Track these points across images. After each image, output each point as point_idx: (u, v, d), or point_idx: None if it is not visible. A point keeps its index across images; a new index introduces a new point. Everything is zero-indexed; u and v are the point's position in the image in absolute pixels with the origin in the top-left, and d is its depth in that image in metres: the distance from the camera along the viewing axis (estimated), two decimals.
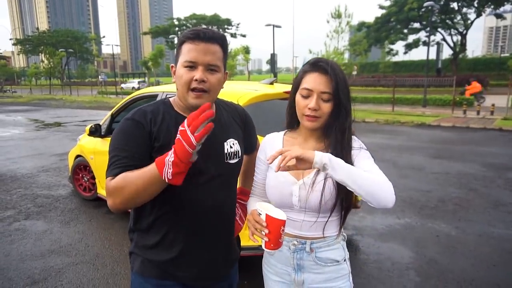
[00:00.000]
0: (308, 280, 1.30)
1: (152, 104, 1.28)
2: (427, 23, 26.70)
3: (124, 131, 1.19)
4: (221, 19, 53.97)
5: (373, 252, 3.37)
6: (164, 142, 1.17)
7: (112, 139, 1.20)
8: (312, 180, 1.23)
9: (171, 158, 1.01)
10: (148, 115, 1.21)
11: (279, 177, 1.28)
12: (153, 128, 1.19)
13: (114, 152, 1.16)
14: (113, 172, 1.12)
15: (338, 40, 19.87)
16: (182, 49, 1.20)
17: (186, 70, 1.18)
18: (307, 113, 1.23)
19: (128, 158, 1.14)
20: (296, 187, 1.25)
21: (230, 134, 1.34)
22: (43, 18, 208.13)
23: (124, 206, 1.14)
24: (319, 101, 1.22)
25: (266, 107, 3.16)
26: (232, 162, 1.33)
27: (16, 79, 73.36)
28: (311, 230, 1.27)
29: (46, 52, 43.95)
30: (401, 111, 15.02)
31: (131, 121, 1.20)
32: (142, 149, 1.17)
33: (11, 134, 10.93)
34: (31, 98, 31.62)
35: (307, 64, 1.29)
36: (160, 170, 1.02)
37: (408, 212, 4.32)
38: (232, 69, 27.50)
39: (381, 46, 37.64)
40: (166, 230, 1.25)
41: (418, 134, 10.09)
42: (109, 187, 1.11)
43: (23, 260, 3.25)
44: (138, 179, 1.07)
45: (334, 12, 19.96)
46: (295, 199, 1.25)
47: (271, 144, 1.38)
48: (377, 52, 48.29)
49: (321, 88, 1.21)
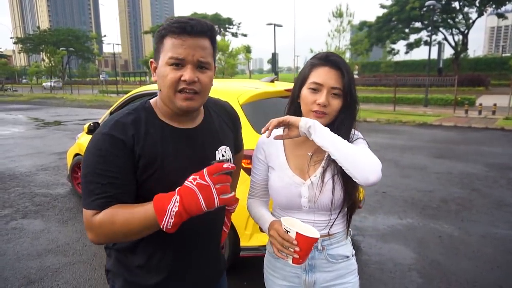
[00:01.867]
0: (320, 280, 1.27)
1: (132, 111, 1.06)
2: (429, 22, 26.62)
3: (101, 150, 0.97)
4: (222, 19, 53.89)
5: (375, 252, 3.32)
6: (150, 160, 1.01)
7: (87, 160, 0.98)
8: (320, 179, 1.19)
9: (175, 207, 0.87)
10: (129, 129, 1.00)
11: (284, 179, 1.23)
12: (136, 146, 0.99)
13: (92, 177, 0.96)
14: (95, 204, 0.95)
15: (339, 39, 19.86)
16: (165, 44, 1.00)
17: (171, 68, 0.99)
18: (315, 109, 1.17)
19: (110, 186, 0.95)
20: (305, 188, 1.20)
21: (221, 141, 1.20)
22: (44, 17, 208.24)
23: (109, 242, 1.05)
24: (329, 97, 1.16)
25: (266, 105, 3.11)
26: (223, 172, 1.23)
27: (17, 78, 73.46)
28: (320, 230, 1.21)
29: (47, 51, 43.96)
30: (402, 111, 14.96)
31: (109, 138, 0.97)
32: (125, 172, 0.98)
33: (11, 133, 10.90)
34: (32, 96, 31.61)
35: (315, 57, 1.22)
36: (160, 219, 0.88)
37: (410, 213, 4.26)
38: (233, 68, 27.43)
39: (382, 45, 37.52)
40: (152, 250, 1.09)
41: (419, 134, 10.03)
42: (92, 223, 0.94)
43: (19, 260, 3.20)
44: (131, 222, 0.92)
45: (336, 11, 19.93)
46: (304, 201, 1.21)
47: (270, 142, 1.30)
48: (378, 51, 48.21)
49: (332, 83, 1.16)
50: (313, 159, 1.23)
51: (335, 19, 19.81)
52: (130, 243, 1.08)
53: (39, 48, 58.07)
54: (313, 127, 1.09)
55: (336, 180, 1.18)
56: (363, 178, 1.07)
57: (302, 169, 1.24)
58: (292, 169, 1.24)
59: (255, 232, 2.72)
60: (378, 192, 4.98)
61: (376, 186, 5.23)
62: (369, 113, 14.46)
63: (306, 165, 1.24)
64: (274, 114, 3.42)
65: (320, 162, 1.22)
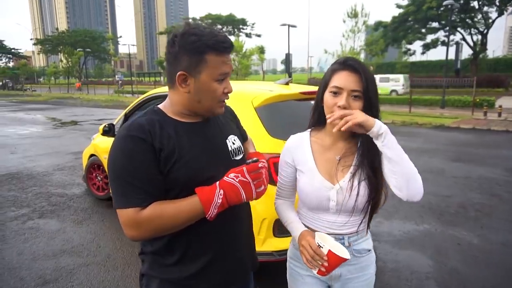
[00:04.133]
0: (345, 273, 1.35)
1: (143, 114, 1.15)
2: (446, 22, 26.09)
3: (125, 151, 1.05)
4: (236, 19, 54.03)
5: (391, 259, 3.24)
6: (169, 152, 1.08)
7: (114, 162, 1.06)
8: (349, 184, 1.26)
9: (219, 199, 1.05)
10: (145, 128, 1.08)
11: (314, 183, 1.30)
12: (154, 141, 1.07)
13: (124, 177, 1.04)
14: (135, 202, 1.02)
15: (354, 40, 19.60)
16: (208, 61, 1.08)
17: (217, 83, 1.12)
18: (337, 111, 1.22)
19: (143, 182, 1.04)
20: (334, 192, 1.27)
21: (229, 131, 1.31)
22: (63, 19, 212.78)
23: (152, 237, 1.09)
24: (349, 99, 1.22)
25: (281, 108, 3.07)
26: (238, 159, 1.28)
27: (36, 78, 75.21)
28: (345, 228, 1.31)
29: (64, 51, 44.81)
30: (418, 112, 14.69)
31: (130, 138, 1.05)
32: (151, 167, 1.06)
33: (30, 132, 11.14)
34: (50, 96, 32.32)
35: (335, 63, 1.30)
36: (207, 210, 1.04)
37: (427, 218, 4.16)
38: (246, 69, 27.44)
39: (398, 46, 37.00)
40: (186, 245, 1.16)
41: (436, 136, 9.82)
42: (139, 218, 1.02)
43: (35, 260, 3.25)
44: (180, 214, 1.05)
45: (351, 11, 19.68)
46: (332, 204, 1.28)
47: (298, 146, 1.38)
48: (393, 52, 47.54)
49: (351, 86, 1.22)
50: (341, 164, 1.30)
51: (350, 19, 19.57)
52: (162, 244, 1.15)
53: (57, 49, 59.38)
54: (384, 135, 1.16)
55: (362, 185, 1.25)
56: (410, 196, 1.19)
57: (330, 173, 1.30)
58: (321, 174, 1.31)
59: (268, 237, 2.69)
60: (394, 196, 4.85)
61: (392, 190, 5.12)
62: (384, 114, 14.25)
63: (334, 169, 1.30)
64: (289, 117, 3.38)
65: (348, 167, 1.29)
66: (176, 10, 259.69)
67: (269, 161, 2.66)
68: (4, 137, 10.12)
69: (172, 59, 1.10)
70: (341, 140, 1.32)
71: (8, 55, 72.51)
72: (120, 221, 1.05)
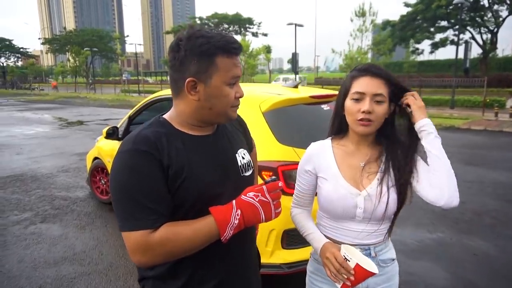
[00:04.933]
0: (371, 284, 1.29)
1: (148, 125, 1.05)
2: (456, 21, 25.70)
3: (132, 167, 0.94)
4: (243, 18, 53.85)
5: (404, 271, 3.09)
6: (178, 168, 0.98)
7: (119, 179, 0.95)
8: (377, 191, 1.21)
9: (236, 220, 0.97)
10: (152, 141, 0.98)
11: (340, 190, 1.24)
12: (162, 156, 0.97)
13: (132, 197, 0.93)
14: (145, 224, 0.92)
15: (361, 39, 19.40)
16: (218, 64, 0.99)
17: (229, 87, 1.04)
18: (360, 117, 1.18)
19: (155, 202, 0.94)
20: (361, 198, 1.22)
21: (239, 144, 1.22)
22: (71, 18, 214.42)
23: (162, 262, 0.99)
24: (372, 104, 1.18)
25: (290, 113, 2.94)
26: (247, 175, 1.18)
27: (44, 77, 75.83)
28: (371, 238, 1.26)
29: (72, 51, 45.06)
30: (427, 113, 14.41)
31: (136, 153, 0.95)
32: (160, 184, 0.96)
33: (35, 132, 11.13)
34: (57, 96, 32.50)
35: (355, 70, 1.26)
36: (222, 232, 0.96)
37: (440, 226, 4.00)
38: (253, 68, 27.31)
39: (406, 45, 36.57)
40: (192, 269, 1.06)
41: (446, 138, 9.60)
42: (150, 242, 0.91)
43: (35, 268, 3.16)
44: (195, 237, 0.96)
45: (358, 10, 19.47)
46: (360, 211, 1.22)
47: (320, 153, 1.33)
48: (401, 51, 47.03)
49: (374, 90, 1.18)
50: (365, 170, 1.25)
51: (358, 18, 19.37)
52: (166, 268, 1.05)
53: (65, 48, 59.67)
54: (428, 132, 1.19)
55: (391, 192, 1.20)
56: (451, 198, 1.14)
57: (355, 179, 1.25)
58: (346, 180, 1.25)
59: (276, 249, 2.56)
60: None
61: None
62: None
63: (359, 175, 1.25)
64: (298, 123, 3.23)
65: (374, 174, 1.24)
66: (183, 9, 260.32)
67: (278, 169, 2.54)
68: (11, 137, 10.12)
69: (178, 65, 1.00)
70: (365, 146, 1.28)
71: (17, 55, 73.28)
72: (126, 246, 0.94)
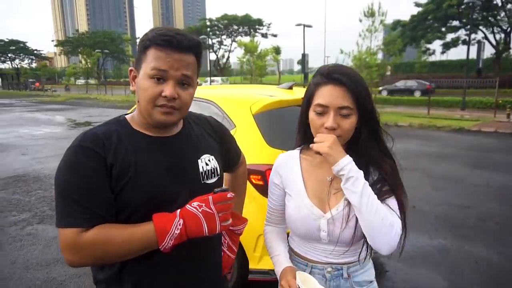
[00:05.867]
0: None
1: (104, 124, 1.04)
2: (468, 20, 25.22)
3: (73, 163, 0.93)
4: (253, 19, 53.87)
5: (401, 278, 2.99)
6: (122, 168, 0.95)
7: (60, 175, 0.93)
8: (344, 213, 1.08)
9: (177, 230, 0.90)
10: (100, 139, 0.96)
11: (302, 209, 1.14)
12: (107, 154, 0.95)
13: (68, 194, 0.90)
14: (79, 222, 0.88)
15: (371, 39, 19.12)
16: (148, 55, 0.97)
17: (152, 82, 0.96)
18: (324, 133, 1.07)
19: (91, 202, 0.90)
20: (324, 221, 1.11)
21: (204, 149, 1.13)
22: (83, 20, 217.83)
23: (92, 264, 0.97)
24: (337, 118, 1.05)
25: (283, 115, 2.87)
26: (210, 183, 1.10)
27: (57, 79, 77.11)
28: (344, 257, 1.15)
29: (84, 52, 45.71)
30: (437, 114, 14.19)
31: (80, 149, 0.94)
32: (100, 183, 0.93)
33: (43, 133, 11.26)
34: (68, 97, 32.97)
35: (318, 74, 1.11)
36: (161, 240, 0.90)
37: (442, 232, 3.87)
38: (261, 69, 27.25)
39: (417, 45, 36.06)
40: (138, 278, 1.01)
41: (455, 140, 9.39)
42: (80, 242, 0.88)
43: (27, 269, 3.15)
44: (131, 242, 0.90)
45: (367, 10, 19.21)
46: (324, 234, 1.12)
47: (287, 166, 1.22)
48: (412, 52, 46.43)
49: (338, 103, 1.04)
50: (333, 186, 1.13)
51: (367, 18, 19.09)
52: (113, 272, 1.00)
53: (77, 50, 60.61)
54: (348, 177, 1.01)
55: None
56: (376, 248, 1.04)
57: (321, 197, 1.14)
58: (310, 197, 1.14)
59: (264, 254, 2.49)
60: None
61: None
62: (401, 116, 13.83)
63: (326, 192, 1.14)
64: (291, 125, 3.15)
65: (342, 191, 1.09)
66: (194, 11, 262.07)
67: (266, 173, 2.47)
68: (18, 138, 10.26)
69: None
70: None
71: (31, 56, 74.71)
72: (59, 243, 0.92)
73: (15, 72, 57.29)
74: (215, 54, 51.53)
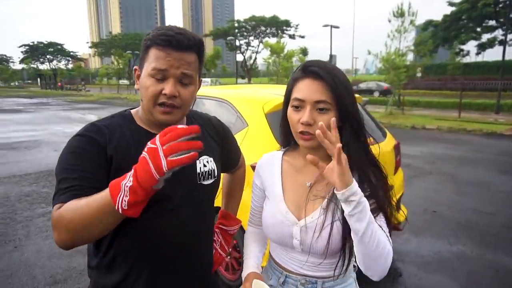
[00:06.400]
0: None
1: (108, 118, 1.09)
2: (505, 20, 24.07)
3: (74, 148, 0.96)
4: (280, 21, 53.84)
5: (415, 284, 2.92)
6: (122, 161, 0.97)
7: (60, 159, 0.97)
8: (316, 222, 1.02)
9: (129, 182, 0.77)
10: (103, 130, 1.00)
11: (276, 215, 1.09)
12: (108, 146, 0.98)
13: (62, 174, 0.93)
14: (60, 198, 0.89)
15: (400, 40, 18.64)
16: (149, 55, 1.00)
17: (153, 80, 0.99)
18: (300, 129, 1.02)
19: (80, 179, 0.91)
20: (297, 229, 1.05)
21: (204, 151, 1.13)
22: (116, 22, 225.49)
23: (72, 242, 0.89)
24: (313, 113, 1.00)
25: None
26: (206, 184, 1.13)
27: (91, 79, 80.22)
28: (320, 270, 1.08)
29: (115, 54, 47.31)
30: (469, 118, 13.62)
31: (83, 137, 0.98)
32: (97, 167, 0.94)
33: (75, 131, 11.52)
34: (100, 96, 34.21)
35: (297, 69, 1.07)
36: (114, 197, 0.78)
37: (463, 238, 3.74)
38: (287, 71, 27.18)
39: (449, 46, 34.78)
40: (129, 268, 1.04)
41: (486, 145, 9.01)
42: (54, 216, 0.88)
43: (50, 258, 3.32)
44: (87, 208, 0.83)
45: (397, 10, 18.74)
46: (296, 242, 1.05)
47: (268, 167, 1.18)
48: (444, 53, 44.82)
49: (314, 97, 0.99)
50: (312, 192, 1.06)
51: (396, 19, 18.64)
52: (107, 261, 1.04)
53: (110, 51, 62.85)
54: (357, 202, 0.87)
55: (336, 226, 1.00)
56: (368, 274, 0.96)
57: (298, 203, 1.08)
58: (286, 203, 1.09)
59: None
60: (428, 210, 4.48)
61: (426, 203, 4.72)
62: (429, 119, 13.41)
63: (304, 198, 1.07)
64: None
65: (321, 198, 1.04)
66: (223, 13, 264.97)
67: None
68: (51, 135, 10.77)
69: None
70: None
71: (67, 58, 78.19)
72: None
73: (52, 73, 60.06)
74: (242, 55, 51.86)
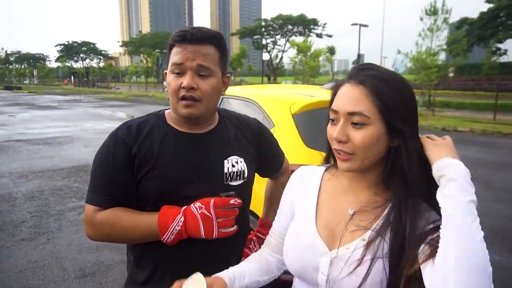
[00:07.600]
0: None
1: (144, 116, 1.14)
2: None
3: (105, 150, 1.05)
4: (307, 19, 53.38)
5: None
6: (144, 159, 1.03)
7: (95, 157, 1.07)
8: (354, 255, 0.80)
9: (177, 226, 0.95)
10: (133, 130, 1.06)
11: (303, 238, 0.88)
12: (134, 145, 1.04)
13: (96, 174, 1.05)
14: (96, 201, 1.02)
15: (431, 39, 18.01)
16: (171, 54, 1.05)
17: (173, 76, 1.03)
18: (334, 147, 0.84)
19: (111, 185, 1.02)
20: (326, 260, 0.83)
21: (234, 150, 1.14)
22: (146, 22, 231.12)
23: (105, 241, 1.08)
24: (346, 127, 0.80)
25: (323, 116, 2.81)
26: (233, 184, 1.11)
27: (121, 77, 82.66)
28: None
29: (145, 52, 48.47)
30: (505, 120, 13.00)
31: (114, 137, 1.06)
32: (123, 171, 1.03)
33: (105, 128, 12.13)
34: (129, 94, 35.15)
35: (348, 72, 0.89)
36: (162, 234, 0.96)
37: (498, 247, 3.56)
38: (313, 70, 26.92)
39: (485, 45, 33.30)
40: (154, 266, 1.08)
41: None
42: (94, 220, 1.01)
43: (80, 251, 3.43)
44: (134, 229, 0.99)
45: (429, 8, 18.12)
46: (321, 278, 0.83)
47: (305, 182, 0.98)
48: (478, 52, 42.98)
49: (347, 107, 0.80)
50: (353, 222, 0.85)
51: (428, 17, 18.02)
52: (135, 256, 1.10)
53: (139, 50, 64.49)
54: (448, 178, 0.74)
55: (378, 264, 0.78)
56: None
57: (332, 231, 0.87)
58: (318, 227, 0.88)
59: None
60: None
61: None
62: (461, 121, 12.89)
63: (342, 226, 0.86)
64: None
65: (362, 229, 0.83)
66: (250, 11, 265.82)
67: None
68: (82, 131, 11.16)
69: None
70: (362, 186, 0.88)
71: (99, 56, 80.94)
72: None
73: (85, 71, 62.36)
74: (268, 54, 51.82)
